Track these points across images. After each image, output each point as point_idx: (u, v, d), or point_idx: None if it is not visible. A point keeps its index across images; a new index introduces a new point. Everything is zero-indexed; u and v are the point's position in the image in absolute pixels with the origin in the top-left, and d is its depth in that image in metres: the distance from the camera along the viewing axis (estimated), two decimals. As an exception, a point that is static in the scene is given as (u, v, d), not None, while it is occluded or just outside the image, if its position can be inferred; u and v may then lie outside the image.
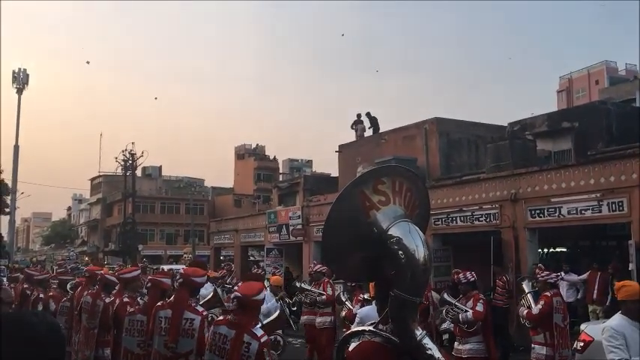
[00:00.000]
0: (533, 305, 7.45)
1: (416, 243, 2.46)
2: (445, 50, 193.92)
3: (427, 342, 2.46)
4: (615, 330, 4.44)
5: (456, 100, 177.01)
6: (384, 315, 2.59)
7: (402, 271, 2.47)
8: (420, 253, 2.45)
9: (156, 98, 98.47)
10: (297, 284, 11.80)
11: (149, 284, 5.75)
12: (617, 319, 4.60)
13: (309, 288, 10.70)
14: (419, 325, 2.54)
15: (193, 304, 5.08)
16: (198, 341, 4.74)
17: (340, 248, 2.70)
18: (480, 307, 7.41)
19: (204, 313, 5.02)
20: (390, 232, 2.50)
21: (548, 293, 7.27)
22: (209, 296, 7.61)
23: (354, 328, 3.26)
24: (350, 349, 2.73)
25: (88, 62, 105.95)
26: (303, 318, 10.93)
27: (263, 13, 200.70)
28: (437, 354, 2.44)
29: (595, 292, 12.47)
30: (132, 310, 5.75)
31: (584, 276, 13.12)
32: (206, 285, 6.78)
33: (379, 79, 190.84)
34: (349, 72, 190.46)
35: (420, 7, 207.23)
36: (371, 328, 2.67)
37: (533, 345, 7.51)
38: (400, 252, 2.45)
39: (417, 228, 2.53)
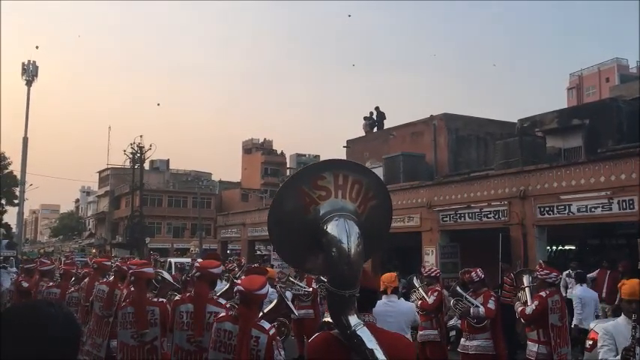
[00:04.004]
0: (529, 301, 7.37)
1: (340, 237, 2.46)
2: (455, 46, 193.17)
3: (362, 332, 2.47)
4: (604, 331, 4.57)
5: (465, 96, 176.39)
6: None
7: (329, 264, 2.52)
8: (344, 246, 2.45)
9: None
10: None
11: (132, 278, 5.72)
12: (617, 319, 4.71)
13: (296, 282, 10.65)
14: (429, 320, 2.54)
15: (215, 297, 5.07)
16: None
17: (295, 247, 2.73)
18: (491, 305, 7.40)
19: (228, 305, 5.00)
20: (322, 227, 2.52)
21: (542, 293, 7.06)
22: (225, 288, 7.64)
23: (325, 319, 3.29)
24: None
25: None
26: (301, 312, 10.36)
27: (272, 9, 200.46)
28: (370, 345, 2.43)
29: (604, 290, 12.38)
30: (123, 303, 5.77)
31: (594, 274, 13.03)
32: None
33: (389, 76, 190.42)
34: (359, 67, 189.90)
35: (430, 3, 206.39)
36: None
37: (527, 342, 7.45)
38: (328, 246, 2.49)
39: (348, 222, 2.51)
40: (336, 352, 2.57)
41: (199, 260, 5.70)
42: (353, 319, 2.49)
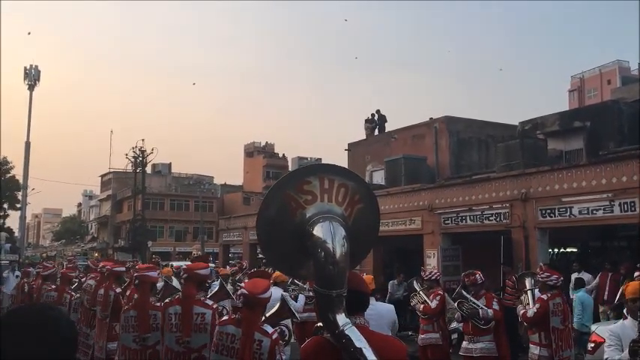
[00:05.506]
0: (531, 304, 7.38)
1: (325, 238, 2.51)
2: (455, 47, 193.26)
3: (350, 332, 2.48)
4: (611, 332, 4.59)
5: (466, 98, 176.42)
6: None
7: (315, 265, 2.56)
8: (329, 246, 2.49)
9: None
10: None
11: (137, 281, 5.76)
12: (623, 321, 4.70)
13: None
14: (431, 324, 2.55)
15: (202, 299, 5.09)
16: (212, 335, 4.74)
17: (284, 252, 2.77)
18: (496, 306, 7.51)
19: (215, 306, 5.02)
20: (308, 229, 2.56)
21: (544, 296, 7.07)
22: (215, 289, 7.62)
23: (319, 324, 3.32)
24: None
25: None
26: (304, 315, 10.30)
27: (275, 10, 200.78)
28: (358, 344, 2.44)
29: (606, 292, 12.36)
30: (126, 307, 5.80)
31: (595, 280, 13.01)
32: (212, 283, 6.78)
33: (389, 77, 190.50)
34: (360, 68, 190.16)
35: (431, 4, 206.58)
36: None
37: (529, 345, 7.46)
38: (313, 247, 2.53)
39: (333, 224, 2.56)
40: (328, 355, 2.59)
41: (187, 263, 5.77)
42: (341, 319, 2.50)
